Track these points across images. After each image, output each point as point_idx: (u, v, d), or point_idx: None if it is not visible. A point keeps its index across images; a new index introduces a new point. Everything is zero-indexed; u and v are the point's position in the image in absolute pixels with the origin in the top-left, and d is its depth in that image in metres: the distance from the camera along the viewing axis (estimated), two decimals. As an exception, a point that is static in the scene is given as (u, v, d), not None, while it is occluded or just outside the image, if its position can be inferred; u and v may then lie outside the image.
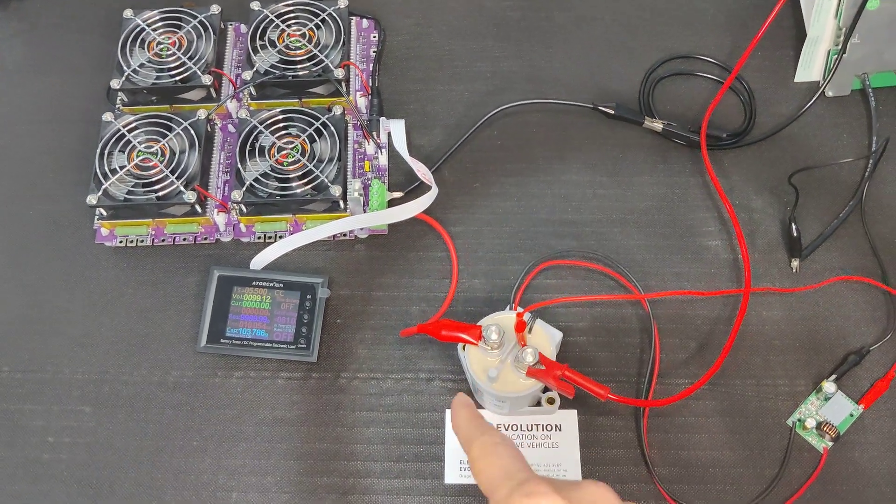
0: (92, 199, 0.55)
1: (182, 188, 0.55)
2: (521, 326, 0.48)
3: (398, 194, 0.58)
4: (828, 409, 0.52)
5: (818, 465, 0.50)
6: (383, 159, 0.60)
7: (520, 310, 0.48)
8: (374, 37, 0.65)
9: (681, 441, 0.51)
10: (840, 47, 0.60)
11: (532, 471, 0.37)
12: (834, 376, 0.52)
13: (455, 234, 0.58)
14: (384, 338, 0.55)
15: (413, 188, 0.59)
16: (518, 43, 0.65)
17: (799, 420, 0.52)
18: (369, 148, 0.60)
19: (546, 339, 0.49)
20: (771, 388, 0.53)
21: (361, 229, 0.58)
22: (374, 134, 0.60)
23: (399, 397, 0.53)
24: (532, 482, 0.35)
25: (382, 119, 0.60)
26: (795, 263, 0.56)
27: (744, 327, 0.54)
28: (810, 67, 0.63)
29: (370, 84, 0.62)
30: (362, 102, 0.62)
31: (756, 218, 0.58)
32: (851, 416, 0.51)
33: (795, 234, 0.56)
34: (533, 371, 0.47)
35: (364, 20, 0.65)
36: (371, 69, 0.63)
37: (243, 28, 0.64)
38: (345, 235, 0.58)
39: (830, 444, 0.51)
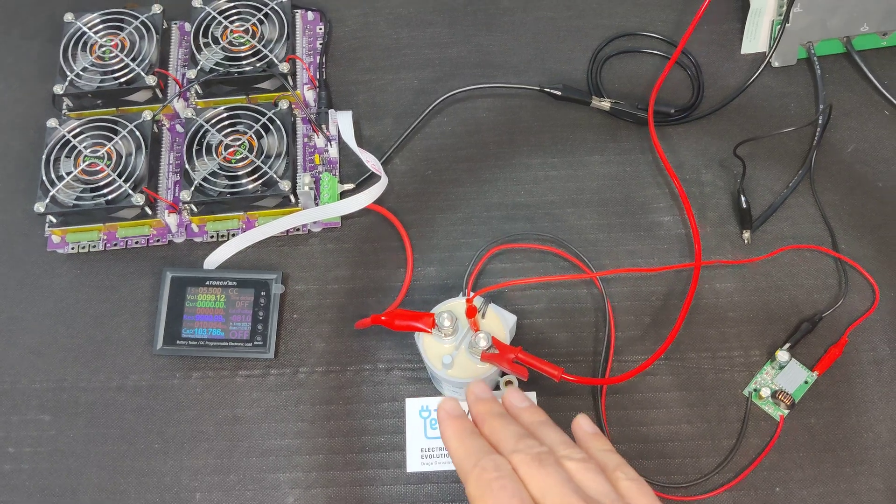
0: (40, 207, 0.55)
1: (130, 191, 0.55)
2: (471, 312, 0.48)
3: (349, 186, 0.58)
4: (782, 378, 0.52)
5: (775, 434, 0.51)
6: (334, 152, 0.60)
7: (471, 295, 0.48)
8: (320, 29, 0.65)
9: (639, 417, 0.52)
10: (783, 17, 0.60)
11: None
12: (788, 345, 0.53)
13: (408, 222, 0.58)
14: (342, 330, 0.55)
15: (364, 179, 0.59)
16: (465, 28, 0.65)
17: (755, 390, 0.52)
18: (319, 141, 0.59)
19: (499, 323, 0.49)
20: (726, 359, 0.53)
21: (314, 223, 0.58)
22: (324, 126, 0.59)
23: (358, 389, 0.53)
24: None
25: (331, 111, 0.60)
26: (747, 235, 0.56)
27: (697, 301, 0.55)
28: (756, 39, 0.63)
29: (317, 77, 0.62)
30: (310, 95, 0.61)
31: (707, 192, 0.59)
32: (806, 383, 0.52)
33: (745, 206, 0.56)
34: (487, 356, 0.48)
35: (309, 13, 0.65)
36: (318, 62, 0.63)
37: (187, 27, 0.64)
38: (298, 230, 0.58)
39: (786, 412, 0.51)
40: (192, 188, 0.55)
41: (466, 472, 0.37)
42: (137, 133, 0.57)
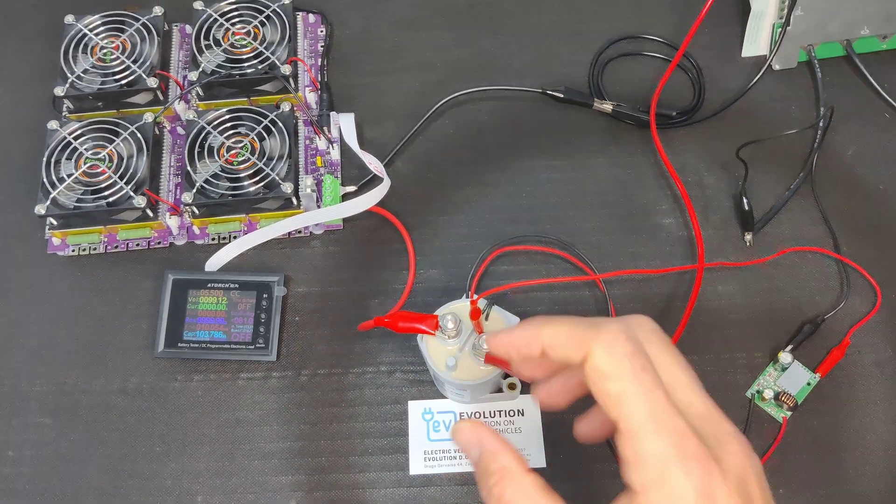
0: (40, 209, 0.55)
1: (132, 193, 0.55)
2: (475, 314, 0.48)
3: (351, 188, 0.58)
4: (785, 380, 0.52)
5: (778, 435, 0.51)
6: (335, 154, 0.60)
7: (474, 297, 0.48)
8: (322, 31, 0.65)
9: (642, 419, 0.52)
10: (784, 20, 0.60)
11: (679, 413, 0.30)
12: (790, 346, 0.53)
13: (411, 225, 0.58)
14: (344, 333, 0.55)
15: (366, 181, 0.59)
16: (467, 31, 0.65)
17: (757, 391, 0.52)
18: (321, 143, 0.59)
19: (503, 325, 0.49)
20: (729, 361, 0.53)
21: (316, 225, 0.57)
22: (325, 129, 0.59)
23: (361, 391, 0.53)
24: (687, 450, 0.29)
25: (333, 114, 0.60)
26: (749, 237, 0.57)
27: (700, 303, 0.55)
28: (756, 42, 0.63)
29: (319, 79, 0.62)
30: (312, 98, 0.61)
31: (709, 194, 0.59)
32: (809, 384, 0.52)
33: (747, 208, 0.57)
34: (491, 358, 0.47)
35: (310, 15, 0.65)
36: (319, 64, 0.63)
37: (188, 29, 0.64)
38: (300, 232, 0.58)
39: (789, 413, 0.51)
40: (194, 190, 0.55)
41: (591, 338, 0.32)
42: (139, 135, 0.57)
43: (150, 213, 0.56)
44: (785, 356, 0.52)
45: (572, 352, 0.33)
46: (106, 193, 0.55)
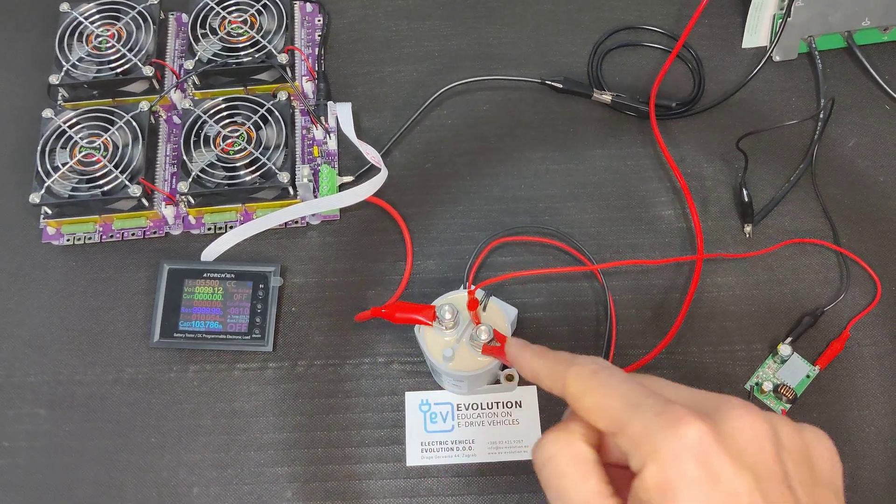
0: (35, 198, 0.54)
1: (127, 182, 0.54)
2: (472, 304, 0.47)
3: (349, 178, 0.58)
4: (784, 372, 0.52)
5: (777, 428, 0.50)
6: (332, 144, 0.59)
7: (472, 288, 0.48)
8: (319, 20, 0.64)
9: (641, 411, 0.51)
10: (785, 11, 0.60)
11: (656, 392, 0.30)
12: (789, 339, 0.53)
13: (408, 215, 0.57)
14: (340, 324, 0.54)
15: (363, 171, 0.58)
16: (465, 21, 0.65)
17: (756, 384, 0.52)
18: (318, 133, 0.59)
19: (501, 315, 0.49)
20: (728, 353, 0.53)
21: (313, 215, 0.57)
22: (322, 119, 0.59)
23: (357, 382, 0.53)
24: (673, 413, 0.28)
25: (330, 103, 0.59)
26: (748, 229, 0.56)
27: (699, 294, 0.54)
28: (757, 33, 0.63)
29: (316, 68, 0.62)
30: (309, 87, 0.61)
31: (708, 185, 0.58)
32: (808, 377, 0.52)
33: (747, 200, 0.56)
34: (488, 348, 0.47)
35: (308, 4, 0.64)
36: (317, 53, 0.62)
37: (185, 17, 0.63)
38: (296, 222, 0.57)
39: (788, 405, 0.51)
40: (190, 179, 0.54)
41: (563, 374, 0.32)
42: (134, 124, 0.56)
43: (146, 203, 0.56)
44: (784, 348, 0.52)
45: (555, 385, 0.33)
46: (101, 182, 0.54)
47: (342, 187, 0.57)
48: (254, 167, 0.55)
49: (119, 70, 0.58)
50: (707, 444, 0.27)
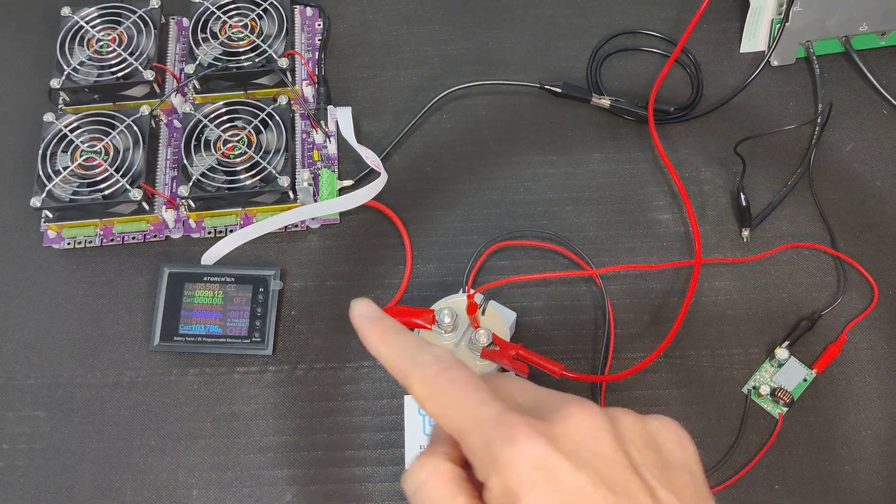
0: (36, 202, 0.54)
1: (128, 186, 0.55)
2: (472, 308, 0.48)
3: (348, 182, 0.58)
4: (781, 376, 0.52)
5: (774, 431, 0.51)
6: (332, 148, 0.59)
7: (471, 292, 0.48)
8: (319, 25, 0.64)
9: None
10: (783, 16, 0.60)
11: (495, 398, 0.29)
12: (786, 342, 0.53)
13: (407, 219, 0.57)
14: (340, 327, 0.55)
15: (363, 175, 0.59)
16: (464, 25, 0.65)
17: (754, 387, 0.52)
18: (318, 137, 0.59)
19: (500, 319, 0.49)
20: (725, 357, 0.53)
21: (313, 219, 0.57)
22: (322, 123, 0.59)
23: (357, 385, 0.53)
24: (508, 423, 0.28)
25: (330, 107, 0.60)
26: (746, 233, 0.56)
27: (697, 299, 0.55)
28: (755, 37, 0.63)
29: (316, 73, 0.62)
30: (309, 91, 0.61)
31: (706, 190, 0.59)
32: (805, 381, 0.52)
33: (744, 204, 0.56)
34: (487, 352, 0.47)
35: (308, 8, 0.65)
36: (317, 58, 0.63)
37: (185, 21, 0.63)
38: (296, 226, 0.57)
39: (785, 409, 0.51)
40: (190, 183, 0.55)
41: (406, 374, 0.31)
42: (135, 128, 0.56)
43: (146, 207, 0.56)
44: (781, 352, 0.52)
45: (401, 381, 0.32)
46: (102, 186, 0.55)
47: (342, 191, 0.58)
48: (254, 171, 0.55)
49: (120, 74, 0.58)
50: (540, 448, 0.27)
